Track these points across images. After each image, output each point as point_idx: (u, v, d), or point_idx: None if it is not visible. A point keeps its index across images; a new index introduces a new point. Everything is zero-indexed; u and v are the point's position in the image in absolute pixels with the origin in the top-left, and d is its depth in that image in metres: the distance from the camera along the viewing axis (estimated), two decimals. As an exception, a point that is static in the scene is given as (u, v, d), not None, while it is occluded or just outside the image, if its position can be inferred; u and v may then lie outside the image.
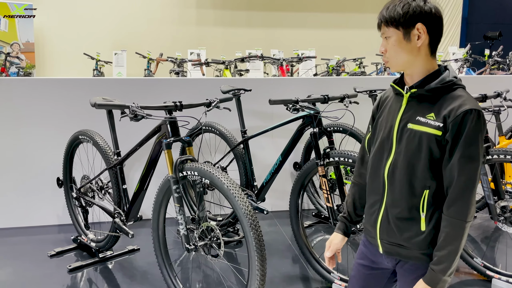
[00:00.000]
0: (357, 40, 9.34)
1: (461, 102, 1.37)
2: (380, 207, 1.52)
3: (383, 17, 1.45)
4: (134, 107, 2.32)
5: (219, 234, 2.30)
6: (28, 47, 7.56)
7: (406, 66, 1.46)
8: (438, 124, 1.39)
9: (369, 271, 1.63)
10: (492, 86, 3.27)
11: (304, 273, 2.99)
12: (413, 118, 1.45)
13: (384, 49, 1.47)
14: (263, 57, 5.29)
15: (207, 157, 3.79)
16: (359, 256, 1.67)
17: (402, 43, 1.43)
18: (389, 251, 1.52)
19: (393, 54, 1.45)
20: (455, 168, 1.36)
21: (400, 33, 1.42)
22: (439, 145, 1.40)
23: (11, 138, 3.63)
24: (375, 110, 1.64)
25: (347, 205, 1.73)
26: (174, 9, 9.06)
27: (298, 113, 2.92)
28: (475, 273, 2.90)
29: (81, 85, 3.72)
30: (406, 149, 1.45)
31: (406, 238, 1.46)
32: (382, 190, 1.52)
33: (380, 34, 1.49)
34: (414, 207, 1.44)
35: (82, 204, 3.24)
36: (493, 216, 2.83)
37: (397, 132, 1.48)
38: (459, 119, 1.35)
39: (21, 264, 3.07)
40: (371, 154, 1.59)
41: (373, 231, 1.56)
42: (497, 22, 9.45)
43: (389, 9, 1.44)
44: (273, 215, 3.98)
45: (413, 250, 1.46)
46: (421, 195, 1.43)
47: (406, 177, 1.45)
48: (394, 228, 1.49)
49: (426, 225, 1.43)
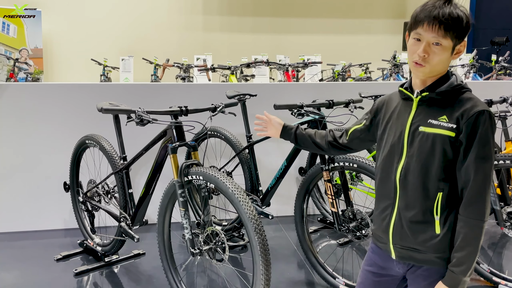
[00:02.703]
0: (363, 46, 9.35)
1: (472, 104, 1.39)
2: (392, 212, 1.51)
3: (445, 20, 1.35)
4: (140, 111, 2.34)
5: (224, 239, 2.30)
6: (36, 53, 7.64)
7: (435, 74, 1.45)
8: (451, 126, 1.39)
9: (377, 278, 1.61)
10: (499, 92, 3.26)
11: (309, 278, 2.98)
12: (425, 121, 1.45)
13: (426, 54, 1.39)
14: (269, 63, 5.31)
15: (212, 161, 3.81)
16: (367, 262, 1.65)
17: (448, 54, 1.40)
18: (402, 255, 1.50)
19: (436, 62, 1.40)
20: (471, 169, 1.37)
21: (452, 44, 1.38)
22: (452, 147, 1.40)
23: (19, 142, 3.66)
24: (371, 118, 1.67)
25: (318, 134, 1.89)
26: (180, 15, 9.13)
27: (303, 118, 2.92)
28: (482, 279, 2.87)
29: (88, 91, 3.76)
30: (418, 151, 1.45)
31: (420, 241, 1.45)
32: (394, 194, 1.51)
33: (419, 35, 1.39)
34: (428, 210, 1.44)
35: (88, 208, 3.26)
36: (499, 222, 2.82)
37: (408, 136, 1.48)
38: (473, 120, 1.36)
39: (28, 268, 3.09)
40: (380, 159, 1.57)
41: (385, 237, 1.54)
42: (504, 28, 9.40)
43: (451, 14, 1.35)
44: (278, 220, 3.98)
45: (428, 254, 1.45)
46: (435, 197, 1.42)
47: (419, 180, 1.44)
48: (408, 231, 1.47)
49: (441, 228, 1.43)
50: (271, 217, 3.10)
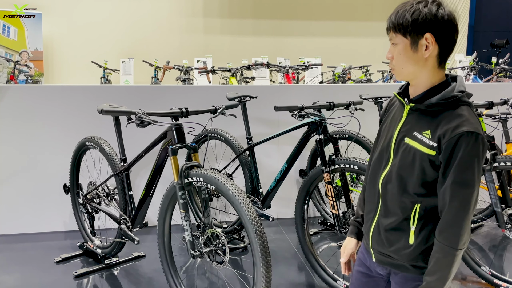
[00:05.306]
0: (363, 48, 9.34)
1: (458, 123, 1.28)
2: (374, 217, 1.50)
3: (391, 22, 1.37)
4: (140, 113, 2.34)
5: (225, 241, 2.30)
6: (36, 55, 7.63)
7: (411, 77, 1.39)
8: (432, 144, 1.32)
9: (366, 279, 1.60)
10: (499, 94, 3.26)
11: (310, 281, 2.97)
12: (411, 132, 1.39)
13: (391, 55, 1.40)
14: (269, 65, 5.31)
15: (212, 163, 3.80)
16: (358, 262, 1.64)
17: (409, 52, 1.35)
18: (381, 260, 1.50)
19: (399, 62, 1.38)
20: (448, 194, 1.30)
21: (407, 41, 1.34)
22: (432, 165, 1.33)
23: (19, 144, 3.66)
24: (382, 115, 1.60)
25: (360, 208, 1.68)
26: (181, 17, 9.13)
27: (304, 120, 2.92)
28: (483, 282, 2.86)
29: (88, 93, 3.76)
30: (400, 163, 1.41)
31: (394, 250, 1.44)
32: (377, 200, 1.49)
33: (389, 39, 1.41)
34: (404, 220, 1.41)
35: (88, 210, 3.25)
36: (500, 224, 2.81)
37: (395, 145, 1.43)
38: (453, 142, 1.27)
39: (28, 270, 3.09)
40: (371, 161, 1.56)
41: (367, 239, 1.54)
42: (504, 30, 9.42)
43: (398, 14, 1.35)
44: (279, 222, 3.97)
45: (402, 262, 1.44)
46: (412, 208, 1.39)
47: (398, 191, 1.41)
48: (384, 239, 1.47)
49: (414, 239, 1.40)
50: (271, 219, 3.09)
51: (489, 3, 9.86)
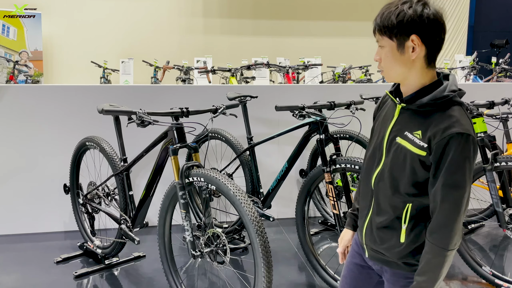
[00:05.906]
0: (363, 48, 9.30)
1: (449, 124, 1.27)
2: (367, 214, 1.51)
3: (377, 24, 1.36)
4: (141, 113, 2.33)
5: (225, 241, 2.29)
6: (36, 55, 7.62)
7: (400, 79, 1.38)
8: (422, 144, 1.31)
9: (359, 270, 1.60)
10: (499, 94, 3.26)
11: (311, 281, 2.97)
12: (402, 132, 1.38)
13: (378, 57, 1.38)
14: (269, 65, 5.30)
15: (213, 163, 3.80)
16: (351, 254, 1.64)
17: (396, 55, 1.33)
18: (373, 256, 1.52)
19: (387, 64, 1.37)
20: (438, 195, 1.29)
21: (393, 43, 1.33)
22: (423, 166, 1.33)
23: (19, 144, 3.65)
24: (375, 112, 1.59)
25: (356, 202, 1.69)
26: (181, 17, 9.12)
27: (304, 120, 2.91)
28: (484, 282, 2.86)
29: (88, 93, 3.75)
30: (391, 163, 1.40)
31: (386, 247, 1.45)
32: (370, 198, 1.49)
33: (376, 41, 1.40)
34: (396, 218, 1.41)
35: (88, 210, 3.24)
36: (501, 224, 2.81)
37: (387, 144, 1.43)
38: (444, 143, 1.26)
39: (28, 271, 3.08)
40: (365, 158, 1.55)
41: (361, 236, 1.55)
42: (504, 30, 9.43)
43: (383, 16, 1.34)
44: (279, 222, 3.97)
45: (393, 259, 1.44)
46: (404, 207, 1.39)
47: (390, 190, 1.41)
48: (376, 236, 1.47)
49: (405, 237, 1.40)
50: (272, 219, 3.09)
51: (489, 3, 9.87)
